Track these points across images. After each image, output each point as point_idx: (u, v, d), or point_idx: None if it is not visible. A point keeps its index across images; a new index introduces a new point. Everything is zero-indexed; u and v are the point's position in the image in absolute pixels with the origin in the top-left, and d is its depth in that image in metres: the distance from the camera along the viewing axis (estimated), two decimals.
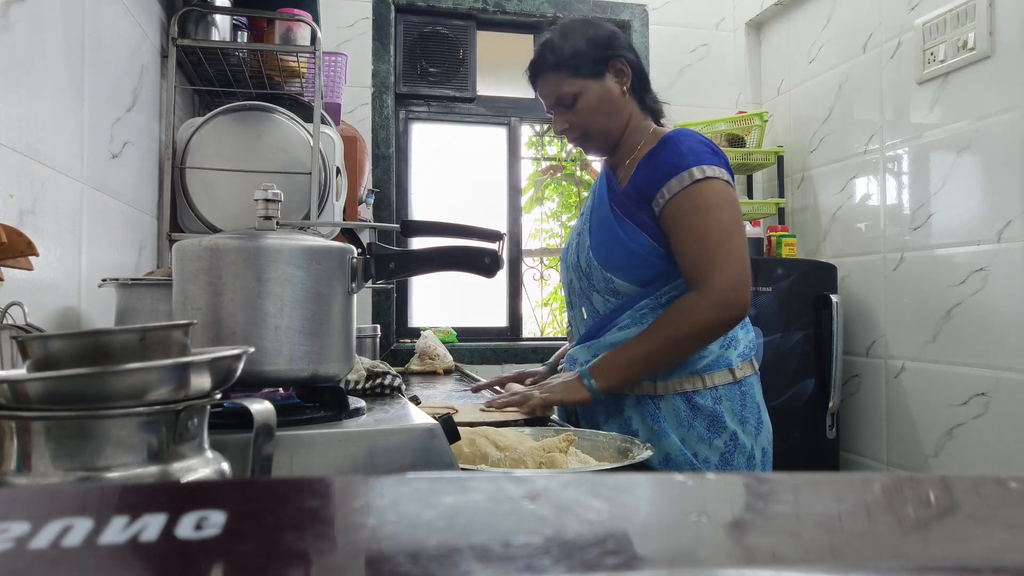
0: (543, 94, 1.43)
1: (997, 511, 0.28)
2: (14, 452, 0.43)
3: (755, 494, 0.30)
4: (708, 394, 1.31)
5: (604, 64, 1.39)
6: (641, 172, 1.35)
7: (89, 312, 1.29)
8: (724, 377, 1.33)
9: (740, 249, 1.29)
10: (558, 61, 1.39)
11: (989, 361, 2.13)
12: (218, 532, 0.23)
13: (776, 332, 2.52)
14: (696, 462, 1.30)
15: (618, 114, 1.40)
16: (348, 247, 0.81)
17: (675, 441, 1.30)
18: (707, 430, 1.31)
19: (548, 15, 3.15)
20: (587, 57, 1.38)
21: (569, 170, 3.62)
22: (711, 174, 1.29)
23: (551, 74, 1.40)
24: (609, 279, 1.37)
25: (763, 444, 1.36)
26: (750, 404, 1.34)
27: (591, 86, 1.38)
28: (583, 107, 1.38)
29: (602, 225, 1.40)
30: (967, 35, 2.18)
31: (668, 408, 1.32)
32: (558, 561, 0.21)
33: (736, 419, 1.32)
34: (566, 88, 1.38)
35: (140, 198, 1.64)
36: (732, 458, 1.31)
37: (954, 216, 2.26)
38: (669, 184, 1.30)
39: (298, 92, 2.07)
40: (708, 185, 1.29)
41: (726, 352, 1.34)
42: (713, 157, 1.32)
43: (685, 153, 1.31)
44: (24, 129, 1.06)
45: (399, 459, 0.71)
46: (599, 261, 1.38)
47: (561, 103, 1.40)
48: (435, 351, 2.37)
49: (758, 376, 1.39)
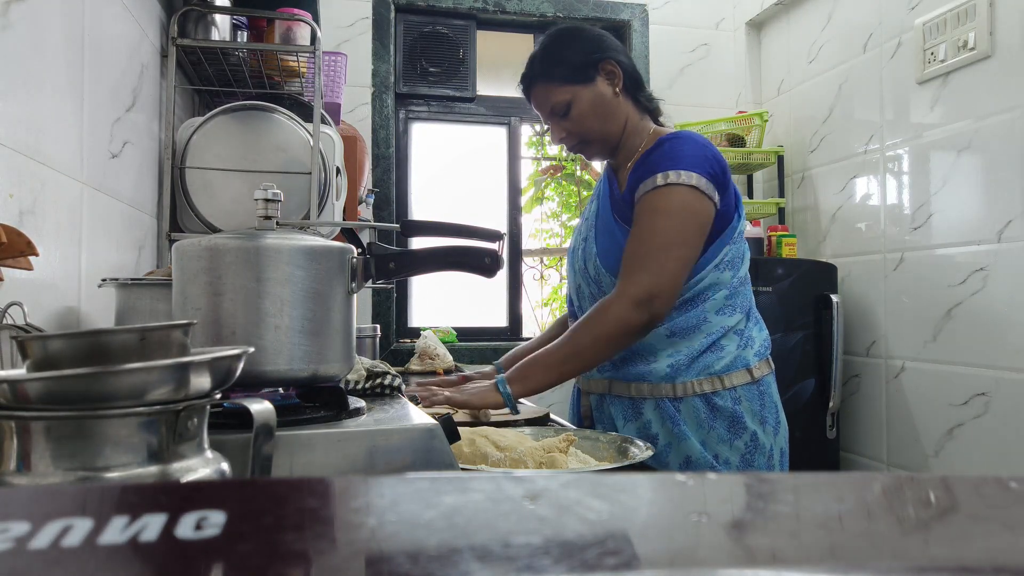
0: (537, 106, 1.43)
1: (997, 511, 0.28)
2: (14, 452, 0.43)
3: (755, 494, 0.30)
4: (727, 395, 1.30)
5: (594, 68, 1.37)
6: (635, 174, 1.35)
7: (89, 312, 1.29)
8: (743, 377, 1.32)
9: (675, 260, 1.25)
10: (546, 71, 1.38)
11: (989, 361, 2.13)
12: (218, 532, 0.23)
13: (776, 332, 2.51)
14: (717, 464, 1.29)
15: (613, 116, 1.39)
16: (348, 247, 0.81)
17: (695, 444, 1.29)
18: (727, 431, 1.29)
19: (548, 15, 3.15)
20: (575, 63, 1.37)
21: (569, 170, 3.62)
22: (678, 180, 1.27)
23: (541, 85, 1.40)
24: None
25: (781, 444, 1.35)
26: (768, 404, 1.34)
27: (582, 92, 1.37)
28: (577, 114, 1.37)
29: (606, 231, 1.40)
30: (967, 35, 2.18)
31: (688, 410, 1.31)
32: (558, 561, 0.21)
33: (756, 419, 1.31)
34: (558, 97, 1.38)
35: (140, 198, 1.64)
36: (753, 459, 1.30)
37: (954, 216, 2.26)
38: (644, 183, 1.30)
39: (298, 92, 2.07)
40: (670, 190, 1.27)
41: (744, 352, 1.33)
42: (697, 163, 1.29)
43: (667, 157, 1.30)
44: (24, 129, 1.06)
45: (399, 459, 0.71)
46: (607, 268, 1.37)
47: (555, 112, 1.39)
48: (435, 351, 2.37)
49: (774, 374, 1.39)
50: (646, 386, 1.33)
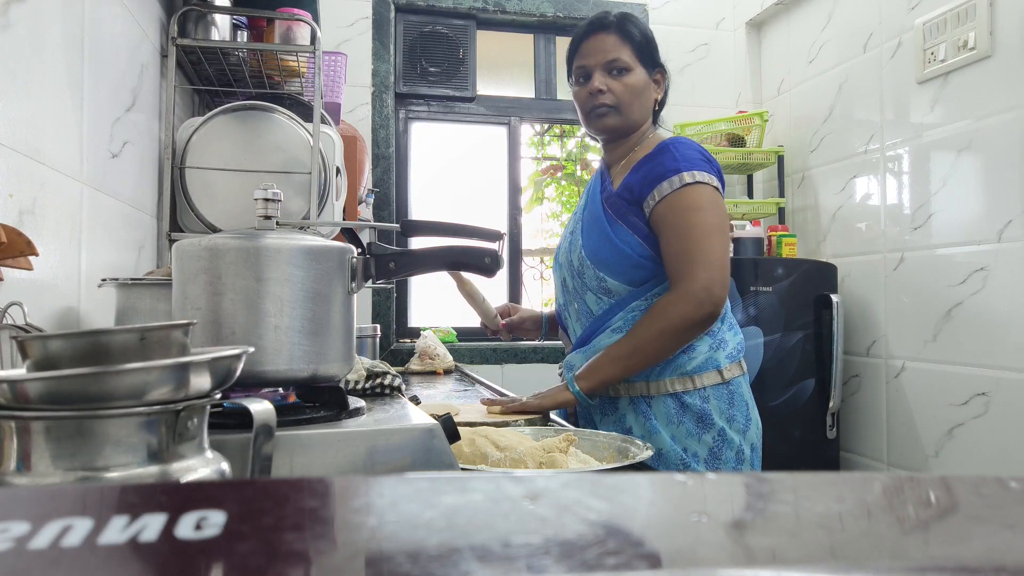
0: (597, 49, 1.46)
1: (997, 511, 0.28)
2: (14, 452, 0.43)
3: (755, 494, 0.30)
4: (697, 394, 1.38)
5: (657, 65, 1.49)
6: (635, 175, 1.41)
7: (89, 312, 1.29)
8: (712, 378, 1.38)
9: (720, 249, 1.34)
10: (627, 31, 1.45)
11: (989, 361, 2.13)
12: (218, 532, 0.23)
13: (776, 332, 2.52)
14: (686, 456, 1.36)
15: (643, 111, 1.47)
16: (348, 247, 0.81)
17: (666, 438, 1.37)
18: (695, 427, 1.37)
19: (548, 15, 3.15)
20: (650, 47, 1.47)
21: (570, 170, 3.62)
22: (701, 179, 1.35)
23: (618, 37, 1.45)
24: (601, 278, 1.41)
25: (752, 440, 1.41)
26: (738, 403, 1.40)
27: (641, 72, 1.46)
28: (629, 82, 1.44)
29: (594, 223, 1.45)
30: (967, 35, 2.18)
31: (659, 407, 1.39)
32: (558, 561, 0.21)
33: (723, 417, 1.38)
34: (624, 56, 1.44)
35: (140, 198, 1.64)
36: (720, 453, 1.37)
37: (954, 216, 2.26)
38: (660, 187, 1.36)
39: (298, 92, 2.07)
40: (697, 188, 1.35)
41: (715, 354, 1.39)
42: (706, 165, 1.38)
43: (679, 159, 1.37)
44: (24, 129, 1.06)
45: (399, 459, 0.71)
46: (591, 259, 1.43)
47: (612, 66, 1.44)
48: (435, 351, 2.37)
49: (747, 376, 1.46)
50: (623, 385, 1.41)
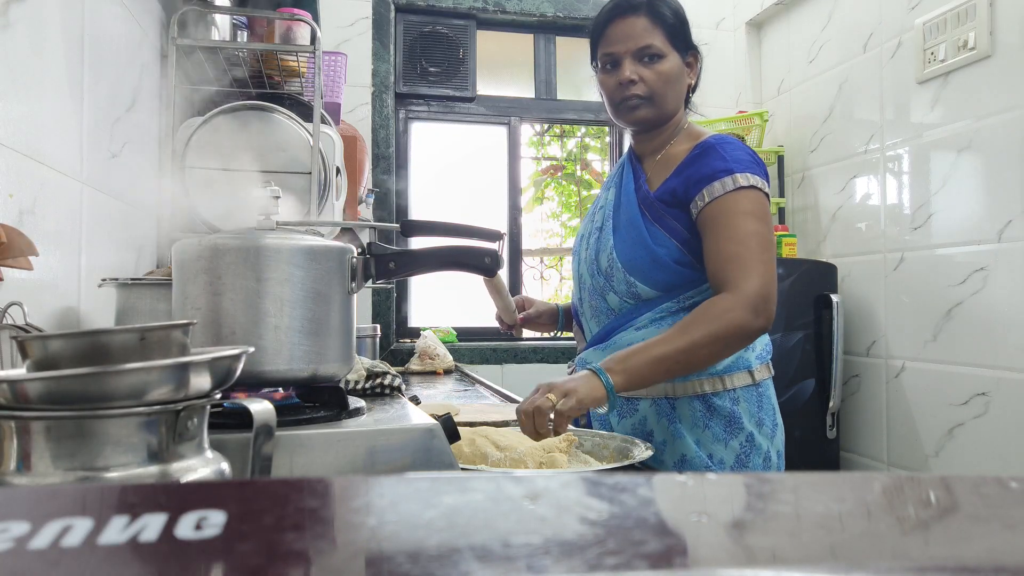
0: (626, 34, 1.35)
1: (997, 511, 0.28)
2: (14, 452, 0.43)
3: (755, 494, 0.30)
4: (727, 395, 1.30)
5: (691, 48, 1.39)
6: (678, 178, 1.32)
7: (89, 312, 1.29)
8: (743, 379, 1.31)
9: (774, 264, 1.26)
10: (658, 13, 1.35)
11: (989, 361, 2.13)
12: (218, 532, 0.23)
13: (776, 332, 2.52)
14: (712, 463, 1.28)
15: (677, 98, 1.39)
16: (348, 247, 0.81)
17: (691, 443, 1.29)
18: (723, 431, 1.29)
19: (548, 15, 3.15)
20: (684, 30, 1.37)
21: (569, 169, 3.62)
22: (755, 184, 1.27)
23: (649, 20, 1.34)
24: (631, 283, 1.33)
25: (778, 447, 1.34)
26: (767, 406, 1.33)
27: (675, 57, 1.36)
28: (663, 70, 1.35)
29: (630, 226, 1.36)
30: (967, 35, 2.18)
31: (684, 409, 1.30)
32: (558, 561, 0.21)
33: (753, 420, 1.30)
34: (656, 42, 1.34)
35: (140, 198, 1.64)
36: (748, 459, 1.29)
37: (954, 216, 2.26)
38: (711, 187, 1.27)
39: (298, 92, 2.07)
40: (752, 194, 1.27)
41: (745, 354, 1.32)
42: (756, 167, 1.30)
43: (730, 160, 1.29)
44: (24, 129, 1.06)
45: (399, 459, 0.71)
46: (623, 263, 1.34)
47: (644, 53, 1.34)
48: (435, 351, 2.37)
49: (773, 380, 1.38)
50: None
